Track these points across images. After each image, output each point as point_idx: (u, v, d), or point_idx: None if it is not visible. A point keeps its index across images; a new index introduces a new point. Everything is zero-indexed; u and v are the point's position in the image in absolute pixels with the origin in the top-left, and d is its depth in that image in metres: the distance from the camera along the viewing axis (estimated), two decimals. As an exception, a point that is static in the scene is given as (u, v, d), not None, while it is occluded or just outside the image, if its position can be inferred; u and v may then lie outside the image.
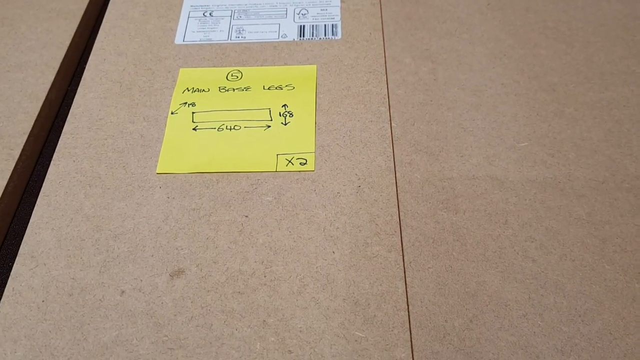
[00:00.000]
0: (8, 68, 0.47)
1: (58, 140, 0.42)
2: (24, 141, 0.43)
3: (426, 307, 0.32)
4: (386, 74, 0.43)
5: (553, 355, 0.31)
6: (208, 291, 0.30)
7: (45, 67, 0.47)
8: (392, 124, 0.40)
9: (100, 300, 0.30)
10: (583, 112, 0.41)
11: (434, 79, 0.44)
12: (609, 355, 0.31)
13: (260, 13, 0.44)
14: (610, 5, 0.49)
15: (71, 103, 0.46)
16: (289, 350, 0.27)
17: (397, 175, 0.38)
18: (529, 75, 0.44)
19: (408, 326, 0.29)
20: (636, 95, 0.42)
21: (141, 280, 0.30)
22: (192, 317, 0.29)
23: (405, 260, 0.34)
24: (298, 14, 0.43)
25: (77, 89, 0.46)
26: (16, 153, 0.42)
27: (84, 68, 0.46)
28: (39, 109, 0.44)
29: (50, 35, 0.50)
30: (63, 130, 0.38)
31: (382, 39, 0.43)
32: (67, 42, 0.49)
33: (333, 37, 0.42)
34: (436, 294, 0.33)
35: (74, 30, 0.50)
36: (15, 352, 0.28)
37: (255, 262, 0.31)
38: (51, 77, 0.47)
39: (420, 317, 0.32)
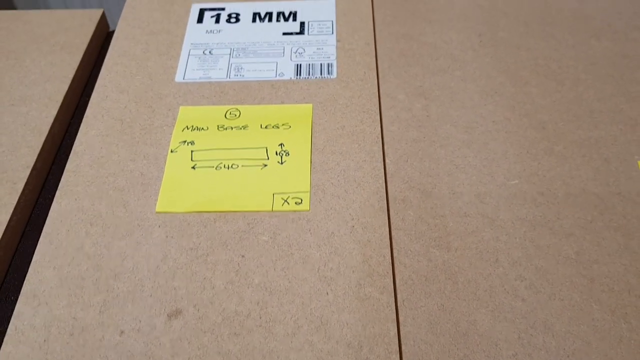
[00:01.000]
0: (12, 101, 0.48)
1: (60, 174, 0.43)
2: (27, 175, 0.44)
3: (418, 347, 0.33)
4: (380, 110, 0.44)
5: (540, 396, 0.31)
6: (204, 332, 0.31)
7: (48, 101, 0.48)
8: (386, 160, 0.41)
9: (100, 340, 0.31)
10: (572, 150, 0.42)
11: (427, 116, 0.45)
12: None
13: (258, 51, 0.45)
14: (600, 43, 0.50)
15: (73, 136, 0.47)
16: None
17: (390, 212, 0.39)
18: (520, 113, 0.45)
19: (399, 368, 0.30)
20: (624, 133, 0.43)
21: (140, 321, 0.31)
22: (188, 358, 0.30)
23: (398, 299, 0.35)
24: (295, 53, 0.45)
25: (79, 123, 0.47)
26: (19, 187, 0.43)
27: (87, 101, 0.47)
28: (42, 143, 0.46)
29: (54, 69, 0.51)
30: (65, 168, 0.39)
31: (376, 78, 0.44)
32: (71, 76, 0.50)
33: (328, 76, 0.43)
34: (428, 333, 0.34)
35: (77, 64, 0.51)
36: (17, 392, 0.29)
37: (251, 302, 0.32)
38: (54, 111, 0.48)
39: (412, 356, 0.33)
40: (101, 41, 0.56)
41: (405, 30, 0.51)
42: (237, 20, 0.48)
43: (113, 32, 0.56)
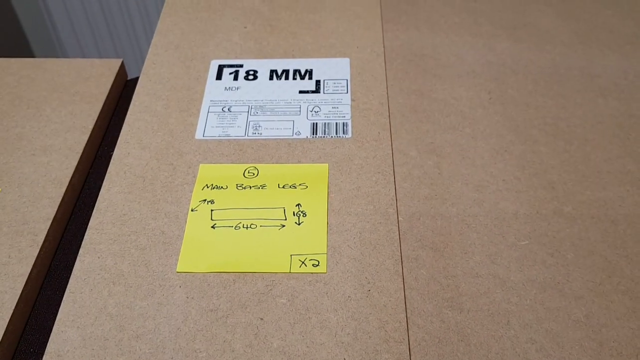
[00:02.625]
0: (33, 151, 0.50)
1: (78, 225, 0.44)
2: (48, 227, 0.45)
3: (431, 410, 0.34)
4: (393, 166, 0.45)
5: None
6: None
7: (69, 152, 0.50)
8: (399, 218, 0.42)
9: (123, 402, 0.32)
10: (581, 211, 0.43)
11: (438, 173, 0.46)
12: None
13: (275, 109, 0.46)
14: (607, 102, 0.51)
15: (92, 187, 0.48)
16: None
17: (404, 270, 0.40)
18: (529, 172, 0.46)
19: None
20: (631, 195, 0.44)
21: (162, 383, 0.32)
22: (210, 422, 0.31)
23: (411, 358, 0.35)
24: (311, 112, 0.46)
25: (97, 173, 0.48)
26: (40, 239, 0.44)
27: (105, 151, 0.48)
28: (62, 194, 0.47)
29: (74, 119, 0.52)
30: (89, 225, 0.40)
31: (389, 138, 0.46)
32: (90, 127, 0.52)
33: (344, 136, 0.45)
34: (441, 396, 0.34)
35: (97, 115, 0.53)
36: None
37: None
38: (74, 162, 0.49)
39: (426, 420, 0.33)
40: (120, 90, 0.58)
41: (417, 86, 0.53)
42: (255, 77, 0.49)
43: (131, 80, 0.58)
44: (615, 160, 0.47)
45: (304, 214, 0.39)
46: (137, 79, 0.55)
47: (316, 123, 0.45)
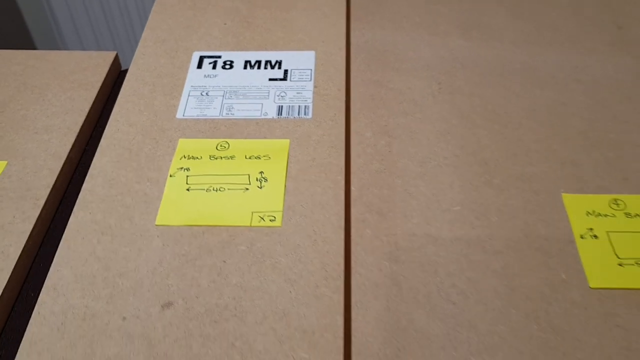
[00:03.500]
0: (36, 130, 0.57)
1: (75, 193, 0.51)
2: (48, 193, 0.52)
3: (365, 339, 0.40)
4: (350, 146, 0.52)
5: (459, 379, 0.39)
6: (190, 319, 0.38)
7: (67, 131, 0.57)
8: (352, 188, 0.49)
9: (106, 324, 0.38)
10: (508, 183, 0.50)
11: (389, 151, 0.53)
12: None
13: (247, 94, 0.53)
14: (543, 93, 0.58)
15: (87, 161, 0.55)
16: (250, 367, 0.36)
17: (352, 230, 0.46)
18: (467, 151, 0.53)
19: (342, 350, 0.38)
20: (553, 170, 0.51)
21: (139, 310, 0.39)
22: (176, 339, 0.37)
23: (352, 301, 0.42)
24: (278, 96, 0.53)
25: (93, 149, 0.55)
26: (41, 203, 0.51)
27: (100, 132, 0.55)
28: (60, 166, 0.54)
29: (72, 103, 0.59)
30: (82, 188, 0.47)
31: (344, 119, 0.53)
32: (87, 110, 0.59)
33: (305, 117, 0.52)
34: (374, 328, 0.41)
35: (93, 100, 0.60)
36: (39, 362, 0.36)
37: (229, 297, 0.39)
38: (72, 139, 0.56)
39: (360, 345, 0.40)
40: (114, 79, 0.65)
41: (377, 77, 0.60)
42: (231, 67, 0.56)
43: (125, 71, 0.65)
44: (544, 141, 0.53)
45: (265, 179, 0.46)
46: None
47: (282, 106, 0.52)
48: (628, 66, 0.60)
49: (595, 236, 0.46)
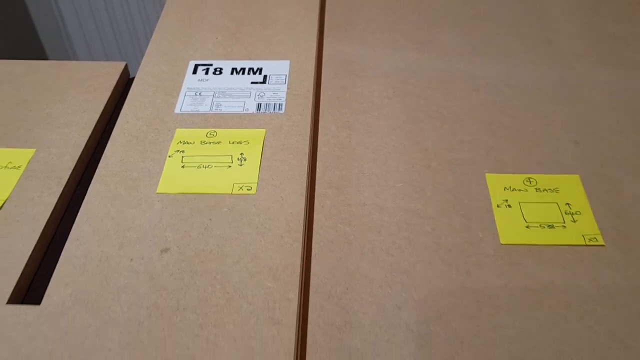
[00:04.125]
0: (59, 125, 0.68)
1: (92, 173, 0.62)
2: (69, 174, 0.63)
3: (321, 280, 0.52)
4: (317, 137, 0.64)
5: (392, 310, 0.50)
6: (182, 261, 0.50)
7: (84, 125, 0.68)
8: (317, 170, 0.61)
9: (117, 264, 0.50)
10: (443, 166, 0.62)
11: (349, 141, 0.65)
12: (429, 309, 0.50)
13: (232, 94, 0.65)
14: (479, 95, 0.70)
15: (101, 150, 0.67)
16: (227, 292, 0.47)
17: (315, 201, 0.58)
18: (412, 142, 0.64)
19: (298, 282, 0.49)
20: (481, 155, 0.63)
21: (143, 254, 0.50)
22: (171, 274, 0.49)
23: (312, 253, 0.53)
24: (257, 96, 0.65)
25: (106, 141, 0.67)
26: (63, 181, 0.63)
27: (112, 127, 0.67)
28: (79, 153, 0.65)
29: (89, 104, 0.71)
30: (98, 166, 0.59)
31: (310, 114, 0.64)
32: (101, 109, 0.71)
33: (279, 112, 0.63)
34: (328, 273, 0.52)
35: (106, 101, 0.72)
36: (66, 290, 0.48)
37: (213, 245, 0.51)
38: (89, 132, 0.68)
39: (317, 285, 0.51)
40: (123, 85, 0.77)
41: (343, 83, 0.72)
42: (220, 73, 0.68)
43: (132, 78, 0.77)
44: (475, 133, 0.65)
45: (245, 159, 0.58)
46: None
47: (260, 103, 0.64)
48: (554, 74, 0.72)
49: (509, 205, 0.58)
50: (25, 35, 1.53)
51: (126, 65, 0.78)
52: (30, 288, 0.54)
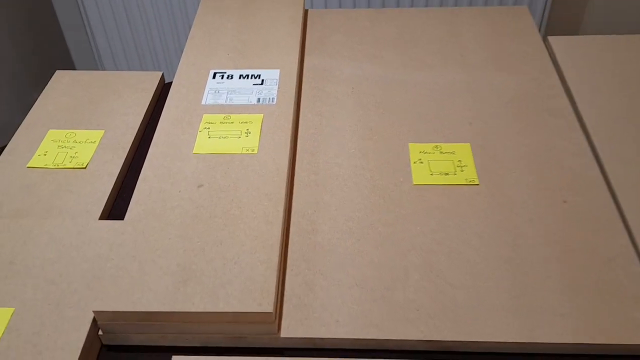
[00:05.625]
0: (119, 115, 1.00)
1: (146, 145, 0.93)
2: (129, 146, 0.94)
3: (298, 205, 0.82)
4: (298, 122, 0.95)
5: (342, 221, 0.81)
6: (211, 191, 0.81)
7: (137, 115, 1.00)
8: (298, 141, 0.92)
9: (171, 194, 0.80)
10: (381, 139, 0.93)
11: (320, 123, 0.96)
12: (365, 221, 0.81)
13: (240, 91, 0.97)
14: (408, 94, 1.01)
15: (151, 130, 0.97)
16: (240, 207, 0.78)
17: (296, 159, 0.89)
18: (362, 124, 0.95)
19: (284, 202, 0.80)
20: (407, 132, 0.93)
21: (187, 187, 0.81)
22: (205, 198, 0.80)
23: (293, 190, 0.84)
24: (257, 93, 0.96)
25: (153, 124, 0.98)
26: (126, 150, 0.93)
27: (158, 114, 0.98)
28: (135, 132, 0.96)
29: (139, 100, 1.02)
30: (154, 137, 0.90)
31: (292, 105, 0.96)
32: (147, 103, 1.02)
33: (272, 103, 0.95)
34: (303, 201, 0.83)
35: (150, 97, 1.03)
36: (140, 207, 0.78)
37: (230, 182, 0.82)
38: (140, 118, 0.99)
39: (295, 209, 0.82)
40: (161, 88, 1.08)
41: (318, 85, 1.03)
42: (231, 78, 1.00)
43: (167, 83, 1.08)
44: (404, 118, 0.96)
45: (249, 132, 0.89)
46: (171, 82, 1.05)
47: (259, 97, 0.96)
48: (461, 79, 1.04)
49: (422, 162, 0.89)
50: (58, 48, 1.85)
51: (162, 74, 1.10)
52: (111, 213, 0.85)
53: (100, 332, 0.70)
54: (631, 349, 0.69)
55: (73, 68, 1.91)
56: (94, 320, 0.69)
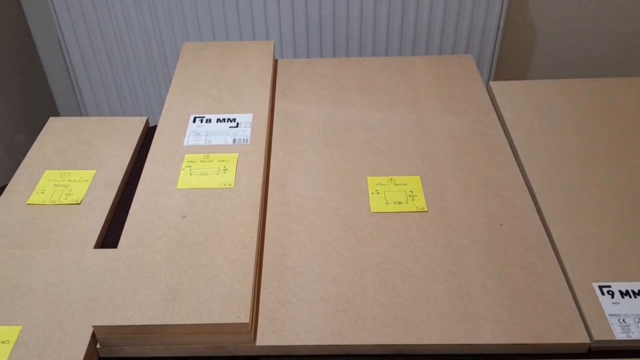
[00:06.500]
0: (108, 156, 1.11)
1: (134, 182, 1.04)
2: (118, 184, 1.05)
3: (270, 232, 0.94)
4: (270, 158, 1.07)
5: (310, 245, 0.93)
6: (193, 222, 0.92)
7: (125, 155, 1.11)
8: (269, 177, 1.04)
9: (157, 224, 0.92)
10: (343, 173, 1.05)
11: (289, 160, 1.08)
12: (328, 245, 0.93)
13: (217, 133, 1.09)
14: (368, 132, 1.14)
15: (138, 169, 1.09)
16: (218, 235, 0.89)
17: (268, 192, 1.01)
18: (327, 161, 1.08)
19: (258, 230, 0.91)
20: (365, 167, 1.06)
21: (172, 218, 0.92)
22: (188, 227, 0.91)
23: (266, 219, 0.96)
24: (233, 134, 1.08)
25: (140, 163, 1.09)
26: (115, 188, 1.04)
27: (144, 154, 1.09)
28: (124, 171, 1.08)
29: (125, 142, 1.14)
30: (141, 175, 1.01)
31: (264, 144, 1.08)
32: (134, 144, 1.13)
33: (245, 144, 1.07)
34: (275, 228, 0.95)
35: (137, 139, 1.15)
36: (131, 238, 0.89)
37: (210, 213, 0.93)
38: (128, 158, 1.10)
39: (267, 234, 0.94)
40: (147, 130, 1.20)
41: (286, 127, 1.16)
42: (210, 121, 1.12)
43: (153, 127, 1.20)
44: (364, 154, 1.09)
45: (226, 169, 1.01)
46: (155, 126, 1.17)
47: (235, 138, 1.08)
48: (414, 119, 1.17)
49: (379, 193, 1.01)
50: (43, 94, 1.96)
51: (147, 119, 1.22)
52: (104, 243, 0.96)
53: (98, 346, 0.80)
54: (557, 348, 0.81)
55: (57, 113, 2.02)
56: (93, 336, 0.79)
